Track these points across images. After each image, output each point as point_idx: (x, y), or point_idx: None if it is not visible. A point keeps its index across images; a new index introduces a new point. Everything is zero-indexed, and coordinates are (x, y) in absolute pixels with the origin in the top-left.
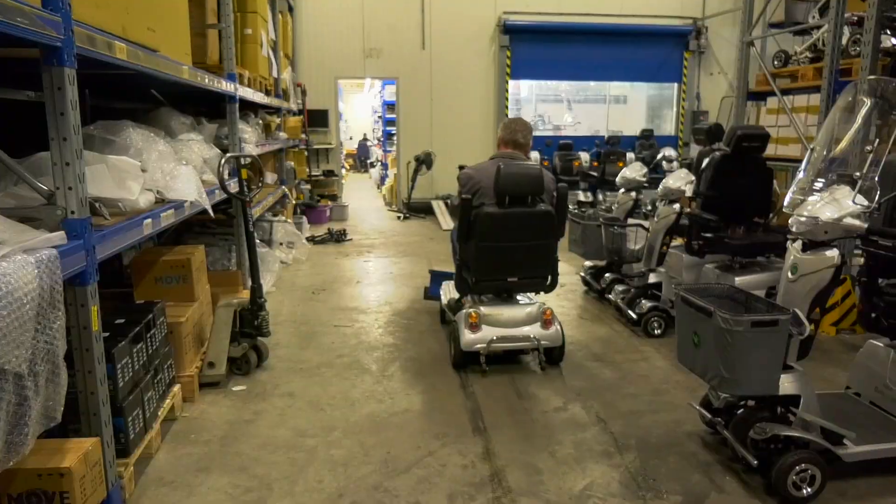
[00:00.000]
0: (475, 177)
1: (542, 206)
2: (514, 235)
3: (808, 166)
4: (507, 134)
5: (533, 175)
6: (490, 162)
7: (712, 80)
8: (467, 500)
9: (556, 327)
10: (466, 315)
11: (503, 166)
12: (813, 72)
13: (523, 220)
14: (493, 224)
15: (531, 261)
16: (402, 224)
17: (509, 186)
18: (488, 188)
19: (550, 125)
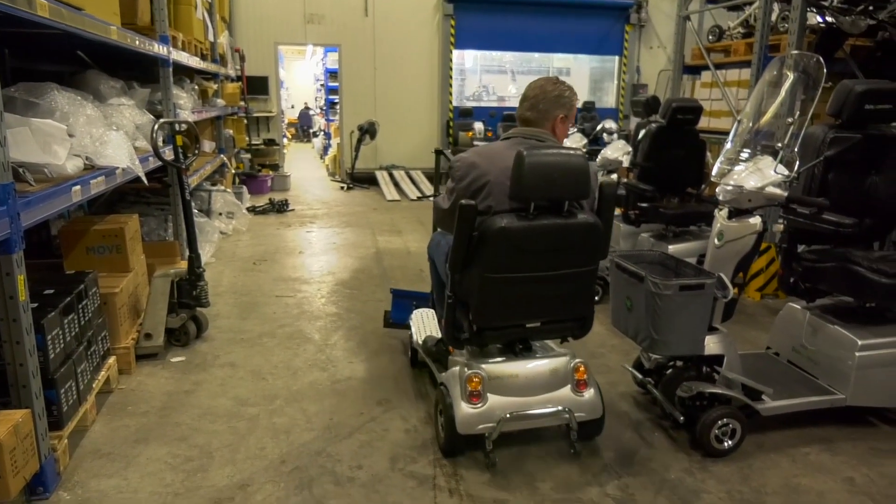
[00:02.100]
0: (480, 166)
1: (582, 217)
2: (542, 262)
3: (735, 138)
4: (523, 105)
5: (575, 168)
6: (503, 145)
7: (652, 54)
8: (409, 463)
9: (593, 391)
10: (464, 379)
11: (526, 153)
12: (745, 47)
13: (557, 239)
14: (511, 245)
15: (564, 297)
16: (345, 194)
17: (538, 186)
18: (501, 186)
19: (495, 96)
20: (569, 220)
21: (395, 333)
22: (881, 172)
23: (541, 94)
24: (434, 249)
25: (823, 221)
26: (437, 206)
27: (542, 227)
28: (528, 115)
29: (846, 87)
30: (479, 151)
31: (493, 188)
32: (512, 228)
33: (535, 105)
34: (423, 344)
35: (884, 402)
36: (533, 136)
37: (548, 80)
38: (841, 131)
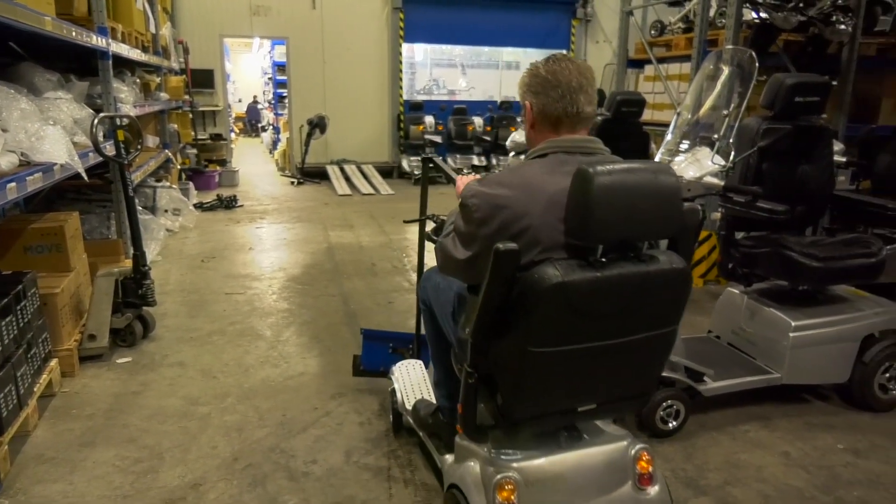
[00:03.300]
0: (512, 206)
1: (666, 260)
2: (611, 326)
3: (674, 129)
4: (551, 95)
5: (665, 193)
6: (540, 167)
7: (598, 48)
8: (364, 455)
9: (659, 486)
10: (491, 486)
11: (593, 172)
12: (685, 41)
13: (634, 294)
14: (570, 306)
15: (633, 370)
16: (295, 189)
17: (614, 221)
18: (551, 230)
19: (445, 90)
20: (650, 267)
21: (352, 324)
22: (811, 161)
23: (580, 78)
24: (431, 294)
25: (758, 209)
26: (446, 253)
27: (616, 280)
28: (556, 111)
29: (778, 80)
30: (504, 181)
31: (538, 234)
32: (573, 284)
33: (570, 96)
34: (414, 411)
35: (816, 380)
36: (579, 147)
37: (572, 59)
38: (773, 122)
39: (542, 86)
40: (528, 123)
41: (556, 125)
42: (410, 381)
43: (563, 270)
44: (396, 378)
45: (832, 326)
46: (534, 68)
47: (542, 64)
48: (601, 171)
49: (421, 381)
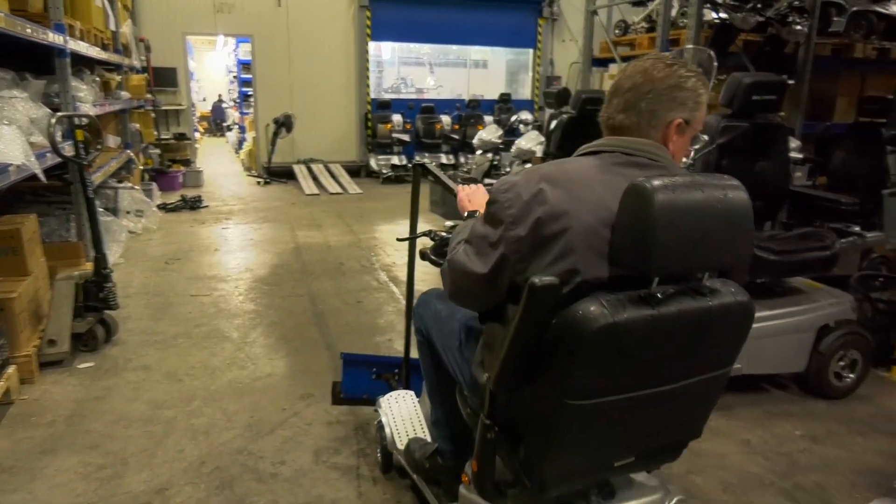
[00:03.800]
0: (552, 199)
1: (728, 292)
2: (662, 372)
3: None
4: (613, 103)
5: (736, 215)
6: (591, 163)
7: (564, 47)
8: (332, 455)
9: None
10: None
11: (652, 188)
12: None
13: (692, 334)
14: (620, 351)
15: (680, 416)
16: (262, 189)
17: (678, 250)
18: (593, 237)
19: (413, 88)
20: (712, 302)
21: (320, 324)
22: (768, 158)
23: (644, 83)
24: (430, 323)
25: None
26: (460, 269)
27: (675, 319)
28: (619, 120)
29: (736, 79)
30: (545, 172)
31: (576, 240)
32: (625, 326)
33: (632, 103)
34: (407, 452)
35: (775, 369)
36: (639, 150)
37: (657, 61)
38: (732, 120)
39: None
40: None
41: (614, 131)
42: (401, 414)
43: (611, 308)
44: (384, 412)
45: (789, 317)
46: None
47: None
48: (662, 187)
49: (413, 416)
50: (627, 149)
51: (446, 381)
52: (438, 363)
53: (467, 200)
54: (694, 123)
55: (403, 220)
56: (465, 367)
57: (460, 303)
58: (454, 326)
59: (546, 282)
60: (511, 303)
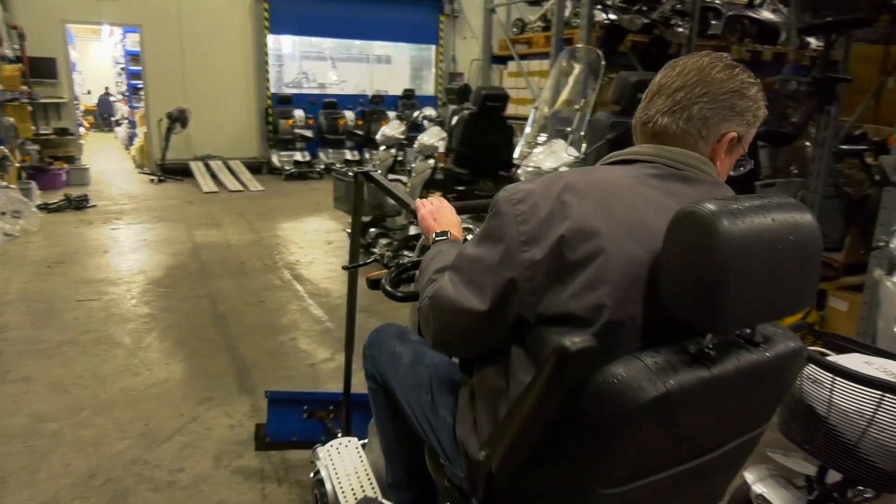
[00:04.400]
0: (578, 211)
1: (781, 339)
2: (708, 438)
3: (532, 123)
4: (657, 101)
5: (809, 245)
6: (626, 174)
7: (466, 44)
8: (235, 459)
9: None
10: None
11: (712, 213)
12: (544, 39)
13: (745, 392)
14: (672, 424)
15: (710, 485)
16: (156, 187)
17: (754, 301)
18: (631, 266)
19: (315, 83)
20: (769, 353)
21: (221, 325)
22: None
23: (698, 83)
24: (387, 369)
25: None
26: (447, 304)
27: (731, 378)
28: (663, 125)
29: (623, 78)
30: (569, 180)
31: (611, 267)
32: (678, 395)
33: (683, 105)
34: None
35: None
36: (685, 164)
37: (716, 60)
38: (620, 117)
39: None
40: None
41: (654, 137)
42: (344, 468)
43: (660, 374)
44: (323, 464)
45: None
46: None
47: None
48: (727, 214)
49: (360, 469)
50: (672, 161)
51: (409, 439)
52: (398, 418)
53: (432, 219)
54: (745, 142)
55: (307, 217)
56: (444, 430)
57: (450, 351)
58: (421, 374)
59: (582, 345)
60: (516, 344)
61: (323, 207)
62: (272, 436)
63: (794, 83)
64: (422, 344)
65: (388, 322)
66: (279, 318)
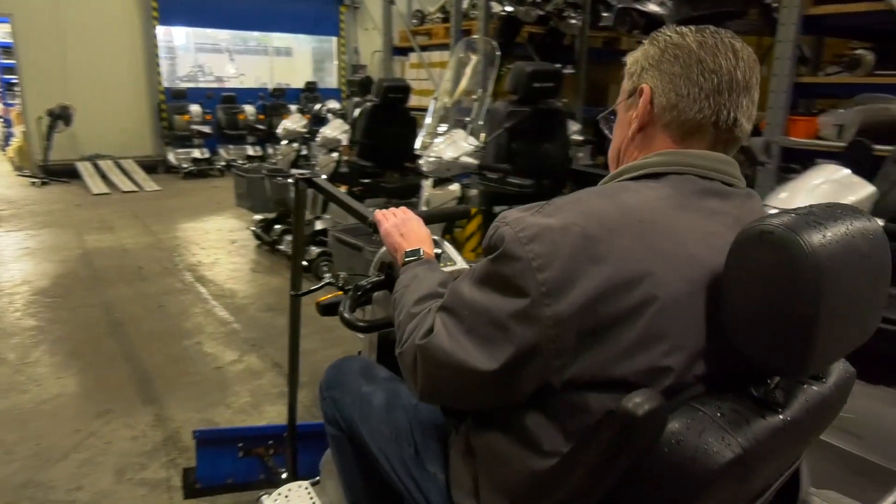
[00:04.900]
0: (618, 250)
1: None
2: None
3: (433, 114)
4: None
5: (882, 263)
6: (657, 191)
7: (368, 35)
8: (139, 471)
9: None
10: None
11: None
12: (443, 31)
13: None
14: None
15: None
16: (39, 191)
17: (843, 336)
18: (691, 308)
19: (212, 76)
20: (830, 386)
21: (118, 334)
22: (551, 140)
23: (748, 72)
24: (355, 414)
25: (509, 184)
26: (443, 358)
27: (801, 421)
28: (697, 113)
29: (519, 68)
30: (595, 209)
31: (667, 319)
32: (754, 450)
33: (729, 94)
34: None
35: None
36: (716, 170)
37: (740, 42)
38: (517, 106)
39: (682, 64)
40: (637, 122)
41: (689, 135)
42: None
43: (733, 429)
44: None
45: None
46: (671, 35)
47: (691, 32)
48: (810, 229)
49: None
50: (703, 169)
51: (384, 496)
52: (370, 471)
53: (398, 234)
54: None
55: (209, 216)
56: (434, 488)
57: (442, 404)
58: (399, 421)
59: (651, 407)
60: (533, 408)
61: (225, 206)
62: (203, 480)
63: None
64: (394, 380)
65: (347, 355)
66: (182, 322)
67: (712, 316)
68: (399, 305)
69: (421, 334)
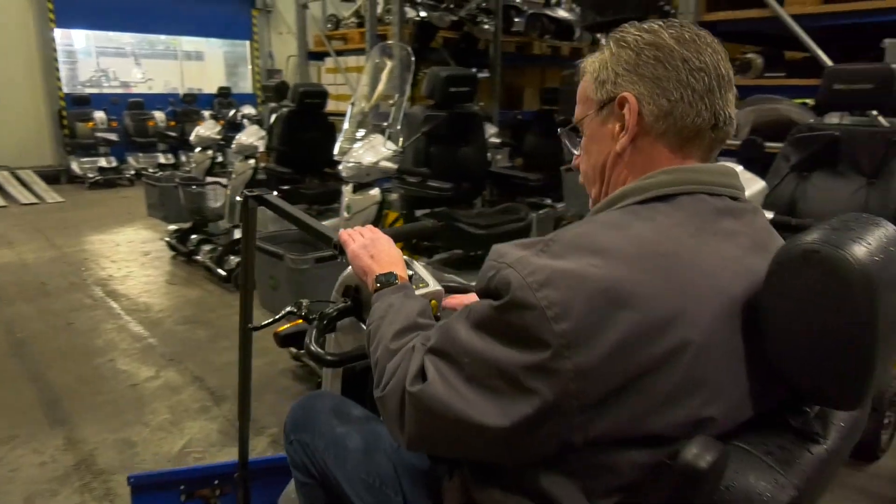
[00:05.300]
0: (644, 292)
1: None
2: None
3: (350, 118)
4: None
5: None
6: (671, 217)
7: (282, 40)
8: (49, 498)
9: None
10: None
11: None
12: (359, 35)
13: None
14: None
15: None
16: None
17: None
18: (726, 348)
19: (118, 82)
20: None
21: (21, 355)
22: (469, 143)
23: (726, 63)
24: (327, 457)
25: (429, 188)
26: (440, 410)
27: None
28: (694, 117)
29: (434, 73)
30: (607, 244)
31: (704, 362)
32: (806, 489)
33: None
34: None
35: None
36: (723, 184)
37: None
38: (434, 110)
39: (665, 66)
40: (627, 136)
41: (687, 143)
42: None
43: (784, 469)
44: None
45: None
46: (641, 35)
47: (661, 27)
48: (855, 245)
49: None
50: (713, 185)
51: None
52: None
53: (367, 256)
54: None
55: (119, 227)
56: None
57: (430, 453)
58: (382, 466)
59: (716, 458)
60: (551, 467)
61: (136, 216)
62: None
63: None
64: (371, 420)
65: (314, 392)
66: (93, 339)
67: (750, 350)
68: (375, 339)
69: (410, 378)
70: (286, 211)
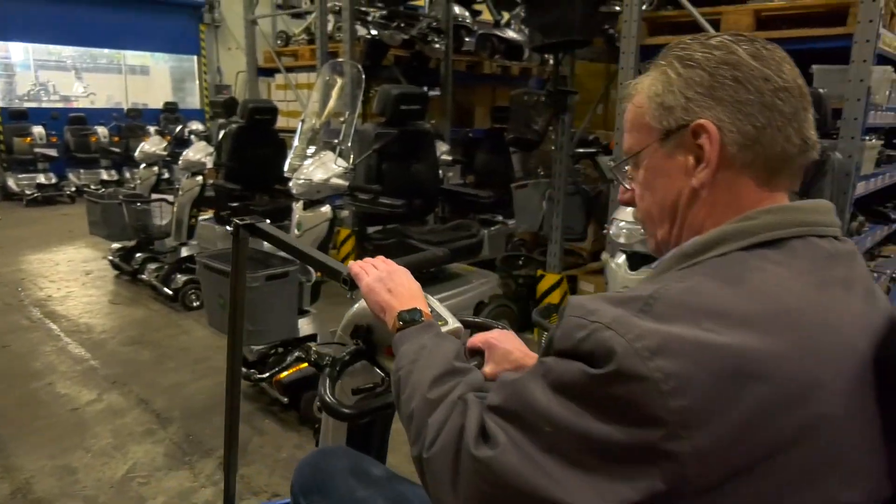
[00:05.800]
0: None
1: None
2: None
3: (301, 135)
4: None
5: None
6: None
7: (231, 55)
8: None
9: None
10: None
11: None
12: (310, 52)
13: None
14: None
15: None
16: None
17: None
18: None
19: (58, 96)
20: None
21: None
22: (420, 161)
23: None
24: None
25: (381, 205)
26: (506, 478)
27: None
28: (783, 144)
29: (385, 90)
30: (723, 307)
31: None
32: None
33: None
34: None
35: None
36: (827, 223)
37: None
38: (385, 127)
39: (746, 87)
40: (708, 170)
41: (776, 174)
42: None
43: None
44: None
45: (454, 298)
46: (713, 53)
47: (731, 41)
48: None
49: None
50: (821, 226)
51: None
52: None
53: (384, 291)
54: None
55: (59, 246)
56: None
57: None
58: None
59: None
60: None
61: (77, 234)
62: None
63: (535, 95)
64: (395, 480)
65: (324, 448)
66: (30, 362)
67: (887, 419)
68: (407, 387)
69: (472, 440)
70: (283, 241)
